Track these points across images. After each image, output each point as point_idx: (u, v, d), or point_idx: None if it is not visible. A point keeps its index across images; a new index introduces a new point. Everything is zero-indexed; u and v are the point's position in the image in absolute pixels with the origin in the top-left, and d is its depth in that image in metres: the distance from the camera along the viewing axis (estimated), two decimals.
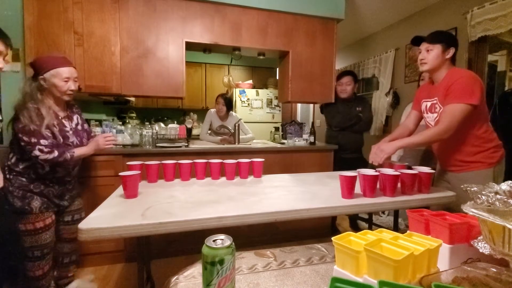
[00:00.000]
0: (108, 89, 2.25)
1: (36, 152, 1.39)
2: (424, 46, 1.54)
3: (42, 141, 1.41)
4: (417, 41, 1.61)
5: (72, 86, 1.53)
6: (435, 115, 1.55)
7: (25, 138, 1.38)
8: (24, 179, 1.46)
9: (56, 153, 1.43)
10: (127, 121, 3.05)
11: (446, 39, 1.51)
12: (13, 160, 1.46)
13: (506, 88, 3.36)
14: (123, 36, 2.28)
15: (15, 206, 1.42)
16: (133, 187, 1.27)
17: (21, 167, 1.46)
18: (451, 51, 1.49)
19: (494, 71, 3.39)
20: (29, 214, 1.45)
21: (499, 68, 3.52)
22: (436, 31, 1.58)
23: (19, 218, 1.44)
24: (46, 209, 1.50)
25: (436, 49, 1.49)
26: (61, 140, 1.51)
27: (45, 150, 1.41)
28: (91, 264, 2.09)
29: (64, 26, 2.13)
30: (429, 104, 1.59)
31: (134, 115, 4.06)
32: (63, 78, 1.49)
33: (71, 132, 1.57)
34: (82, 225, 0.94)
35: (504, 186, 0.62)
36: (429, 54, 1.51)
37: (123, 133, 2.34)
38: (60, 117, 1.55)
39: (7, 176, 1.44)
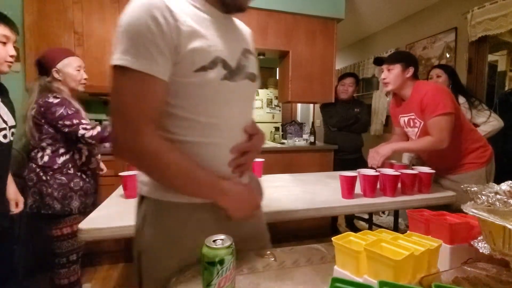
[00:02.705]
0: (108, 89, 2.25)
1: (82, 131, 1.38)
2: (385, 66, 1.59)
3: (83, 120, 1.41)
4: (378, 62, 1.67)
5: (84, 75, 1.54)
6: (416, 129, 1.58)
7: (67, 122, 1.37)
8: (63, 178, 1.41)
9: (98, 128, 1.42)
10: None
11: (404, 58, 1.55)
12: (46, 159, 1.40)
13: (506, 88, 3.36)
14: None
15: (55, 209, 1.38)
16: (133, 187, 1.27)
17: (59, 162, 1.41)
18: (411, 70, 1.52)
19: (494, 71, 3.39)
20: (67, 217, 1.41)
21: (499, 68, 3.51)
22: (395, 52, 1.68)
23: (53, 223, 1.40)
24: (84, 209, 1.48)
25: (396, 68, 1.53)
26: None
27: (88, 127, 1.40)
28: (91, 264, 2.09)
29: (64, 26, 2.13)
30: (406, 119, 1.62)
31: None
32: (75, 67, 1.49)
33: None
34: (82, 225, 0.94)
35: (504, 186, 0.62)
36: (390, 73, 1.55)
37: None
38: None
39: (43, 178, 1.38)
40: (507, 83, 3.51)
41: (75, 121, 1.38)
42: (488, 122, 1.93)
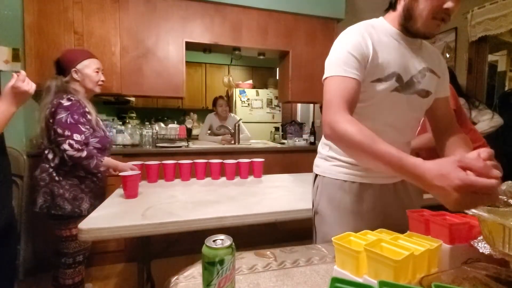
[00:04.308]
0: (108, 89, 2.25)
1: (66, 146, 1.32)
2: None
3: (75, 136, 1.34)
4: None
5: (102, 76, 1.53)
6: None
7: (58, 130, 1.33)
8: (75, 179, 1.40)
9: (84, 153, 1.35)
10: (127, 121, 3.05)
11: None
12: (56, 161, 1.39)
13: (506, 88, 3.36)
14: (123, 36, 2.28)
15: (66, 210, 1.37)
16: (133, 187, 1.27)
17: (70, 164, 1.38)
18: None
19: (495, 71, 3.38)
20: (77, 218, 1.38)
21: (499, 68, 3.51)
22: None
23: (62, 223, 1.40)
24: (93, 210, 1.46)
25: None
26: (102, 132, 1.49)
27: (75, 146, 1.33)
28: (91, 264, 2.09)
29: (64, 26, 2.13)
30: None
31: (134, 115, 4.06)
32: (94, 68, 1.49)
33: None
34: (82, 225, 0.94)
35: (504, 186, 0.62)
36: None
37: (123, 133, 2.34)
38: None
39: (56, 178, 1.38)
40: (507, 83, 3.50)
41: (66, 133, 1.33)
42: (493, 118, 1.96)
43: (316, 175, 0.93)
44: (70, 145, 1.32)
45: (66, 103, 1.35)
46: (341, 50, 0.75)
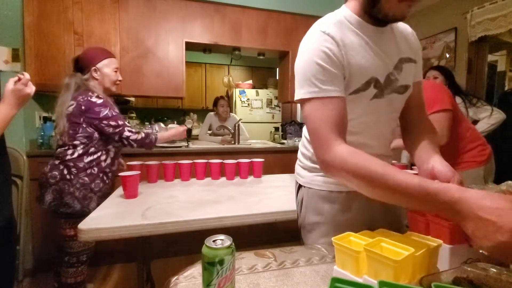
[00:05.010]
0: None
1: (127, 133, 1.44)
2: None
3: (127, 123, 1.47)
4: None
5: (119, 76, 1.56)
6: None
7: (112, 123, 1.40)
8: (86, 178, 1.41)
9: (143, 134, 1.49)
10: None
11: None
12: (75, 155, 1.39)
13: (506, 88, 3.36)
14: (123, 36, 2.28)
15: (74, 209, 1.38)
16: (133, 187, 1.27)
17: (86, 161, 1.41)
18: None
19: (494, 71, 3.39)
20: (84, 217, 1.41)
21: (499, 68, 3.52)
22: None
23: (68, 222, 1.40)
24: None
25: None
26: None
27: (133, 130, 1.46)
28: (91, 264, 2.09)
29: (64, 26, 2.13)
30: None
31: (134, 115, 4.06)
32: (113, 68, 1.52)
33: None
34: (82, 225, 0.94)
35: (504, 186, 0.63)
36: None
37: None
38: None
39: (67, 176, 1.38)
40: (506, 83, 3.51)
41: (120, 122, 1.43)
42: (492, 116, 1.94)
43: (300, 185, 0.86)
44: (130, 131, 1.45)
45: (98, 101, 1.40)
46: (310, 63, 0.65)
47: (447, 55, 2.70)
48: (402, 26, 0.77)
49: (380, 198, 0.58)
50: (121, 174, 1.26)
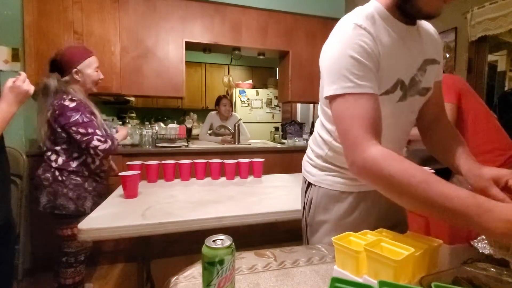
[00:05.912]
0: (108, 89, 2.25)
1: (96, 143, 1.34)
2: None
3: (97, 131, 1.37)
4: None
5: (101, 75, 1.51)
6: None
7: (81, 130, 1.33)
8: (78, 178, 1.40)
9: (109, 142, 1.39)
10: (127, 121, 3.05)
11: None
12: (60, 161, 1.38)
13: (506, 88, 3.36)
14: (123, 36, 2.28)
15: (69, 210, 1.36)
16: (133, 187, 1.27)
17: (73, 166, 1.39)
18: None
19: (494, 71, 3.39)
20: (81, 217, 1.41)
21: (499, 68, 3.51)
22: None
23: (65, 223, 1.39)
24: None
25: None
26: (105, 132, 1.47)
27: (102, 139, 1.37)
28: (91, 264, 2.09)
29: (64, 26, 2.13)
30: None
31: (134, 115, 4.06)
32: (95, 67, 1.47)
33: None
34: (82, 225, 0.94)
35: None
36: None
37: None
38: None
39: (59, 178, 1.36)
40: (507, 83, 3.51)
41: (90, 130, 1.34)
42: None
43: (309, 184, 0.84)
44: (99, 140, 1.36)
45: (71, 104, 1.34)
46: (344, 56, 0.59)
47: (447, 55, 2.70)
48: (426, 24, 0.74)
49: (411, 207, 0.53)
50: (121, 174, 1.26)
